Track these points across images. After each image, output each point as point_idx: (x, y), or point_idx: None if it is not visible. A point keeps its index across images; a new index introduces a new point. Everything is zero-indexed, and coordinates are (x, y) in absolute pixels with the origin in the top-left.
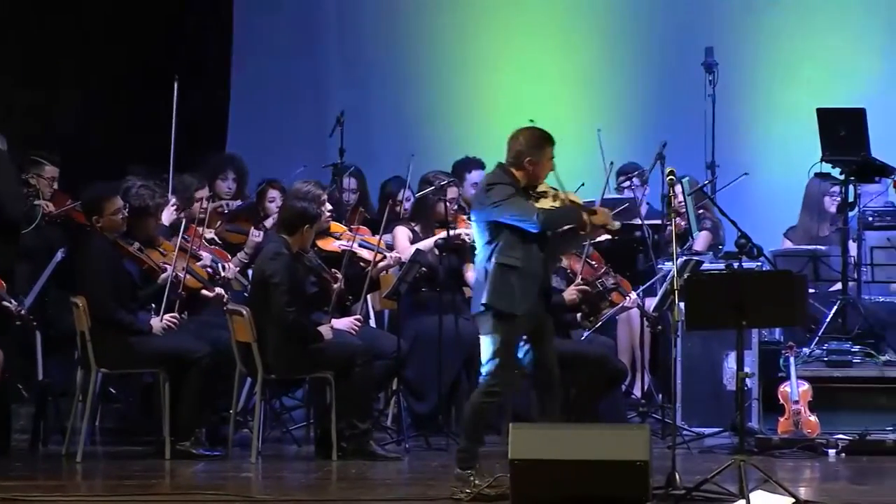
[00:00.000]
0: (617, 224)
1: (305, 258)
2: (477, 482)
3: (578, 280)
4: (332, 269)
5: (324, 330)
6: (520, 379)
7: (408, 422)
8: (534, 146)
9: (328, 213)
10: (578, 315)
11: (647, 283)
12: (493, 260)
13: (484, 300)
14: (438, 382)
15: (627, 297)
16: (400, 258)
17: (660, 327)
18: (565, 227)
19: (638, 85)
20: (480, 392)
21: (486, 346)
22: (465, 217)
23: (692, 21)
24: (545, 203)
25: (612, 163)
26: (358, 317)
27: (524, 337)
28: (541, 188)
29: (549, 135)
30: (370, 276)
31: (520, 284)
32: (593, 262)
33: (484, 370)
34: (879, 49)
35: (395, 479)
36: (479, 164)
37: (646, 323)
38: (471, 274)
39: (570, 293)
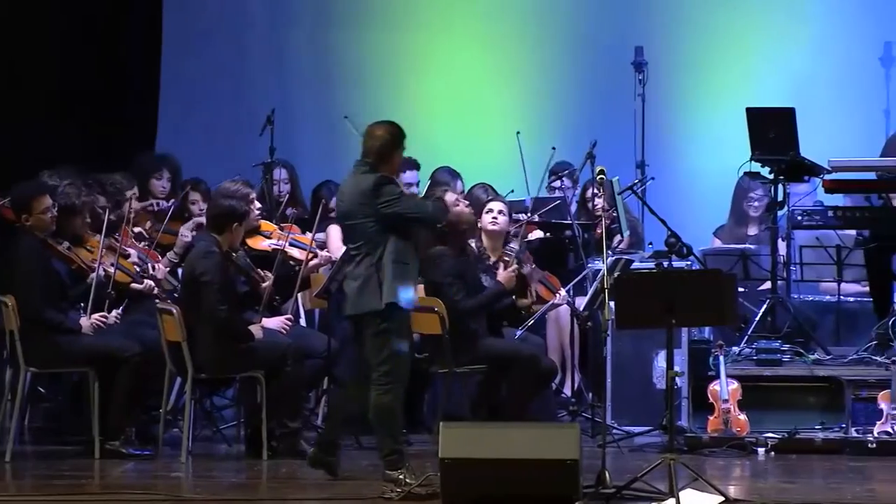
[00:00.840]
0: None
1: (235, 257)
2: (408, 481)
3: (513, 267)
4: (263, 270)
5: (254, 329)
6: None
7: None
8: (395, 142)
9: (257, 212)
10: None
11: (575, 279)
12: (387, 259)
13: (388, 299)
14: (368, 382)
15: (557, 294)
16: (331, 257)
17: (589, 324)
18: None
19: (568, 84)
20: (385, 392)
21: (383, 343)
22: None
23: (622, 20)
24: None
25: (553, 148)
26: (289, 316)
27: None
28: None
29: (402, 129)
30: (301, 275)
31: (412, 280)
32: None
33: (382, 368)
34: (807, 48)
35: (325, 478)
36: (414, 165)
37: (576, 322)
38: None
39: (506, 275)
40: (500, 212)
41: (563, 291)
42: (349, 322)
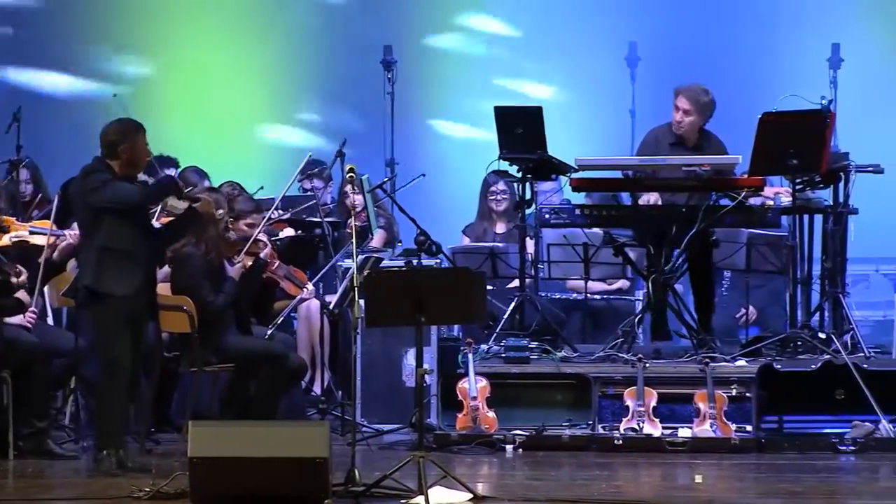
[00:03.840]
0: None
1: None
2: (154, 481)
3: (240, 261)
4: (16, 265)
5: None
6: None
7: (86, 420)
8: (124, 135)
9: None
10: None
11: (321, 272)
12: (97, 244)
13: (87, 283)
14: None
15: (304, 289)
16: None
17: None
18: (179, 213)
19: (321, 82)
20: (100, 381)
21: (94, 328)
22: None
23: (370, 17)
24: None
25: (309, 154)
26: (33, 309)
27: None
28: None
29: (139, 123)
30: (49, 260)
31: (121, 267)
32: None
33: (99, 354)
34: (560, 48)
35: (73, 477)
36: (173, 163)
37: (326, 319)
38: None
39: (235, 269)
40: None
41: (309, 285)
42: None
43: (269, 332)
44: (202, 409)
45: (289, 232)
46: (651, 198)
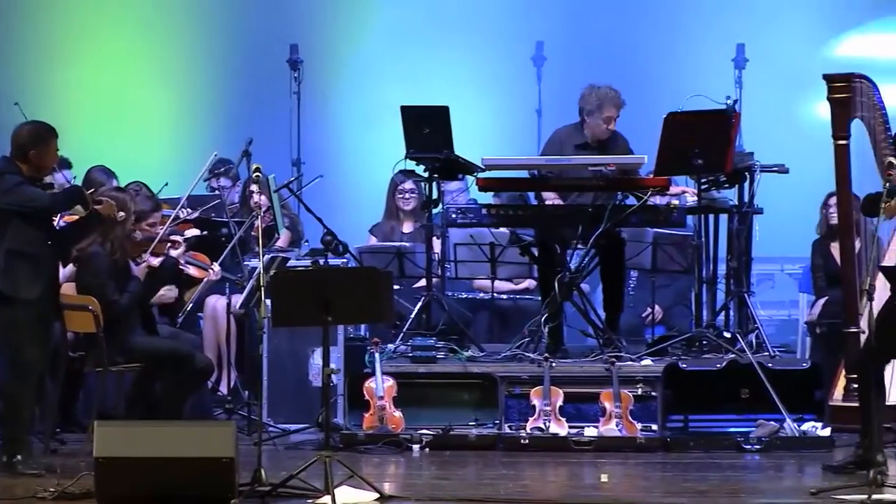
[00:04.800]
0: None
1: None
2: (60, 481)
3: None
4: None
5: None
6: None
7: None
8: (36, 139)
9: None
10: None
11: (225, 251)
12: (5, 247)
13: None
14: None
15: (210, 270)
16: None
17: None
18: (82, 215)
19: (227, 81)
20: (9, 383)
21: (2, 332)
22: None
23: (276, 17)
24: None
25: (215, 154)
26: None
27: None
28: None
29: (52, 128)
30: None
31: (29, 269)
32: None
33: (7, 357)
34: (460, 47)
35: None
36: (66, 164)
37: (232, 319)
38: None
39: (140, 269)
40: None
41: (215, 266)
42: None
43: (181, 318)
44: (108, 409)
45: (194, 232)
46: (554, 198)
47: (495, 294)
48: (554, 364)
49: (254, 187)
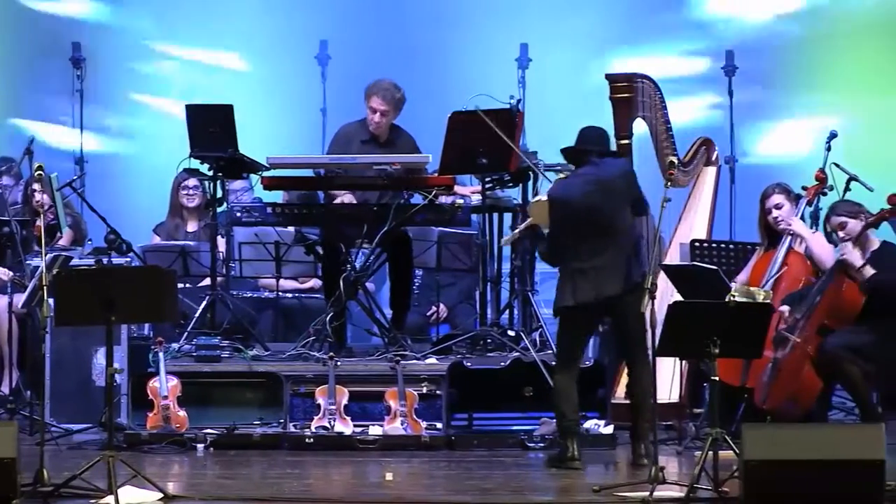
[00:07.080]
0: None
1: None
2: None
3: None
4: None
5: None
6: None
7: None
8: None
9: None
10: None
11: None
12: None
13: None
14: None
15: None
16: None
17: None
18: None
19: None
20: None
21: None
22: None
23: (60, 15)
24: None
25: None
26: None
27: None
28: None
29: None
30: None
31: None
32: None
33: None
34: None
35: None
36: None
37: (14, 319)
38: None
39: None
40: None
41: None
42: None
43: None
44: None
45: None
46: (346, 197)
47: (280, 293)
48: (339, 363)
49: (36, 186)
